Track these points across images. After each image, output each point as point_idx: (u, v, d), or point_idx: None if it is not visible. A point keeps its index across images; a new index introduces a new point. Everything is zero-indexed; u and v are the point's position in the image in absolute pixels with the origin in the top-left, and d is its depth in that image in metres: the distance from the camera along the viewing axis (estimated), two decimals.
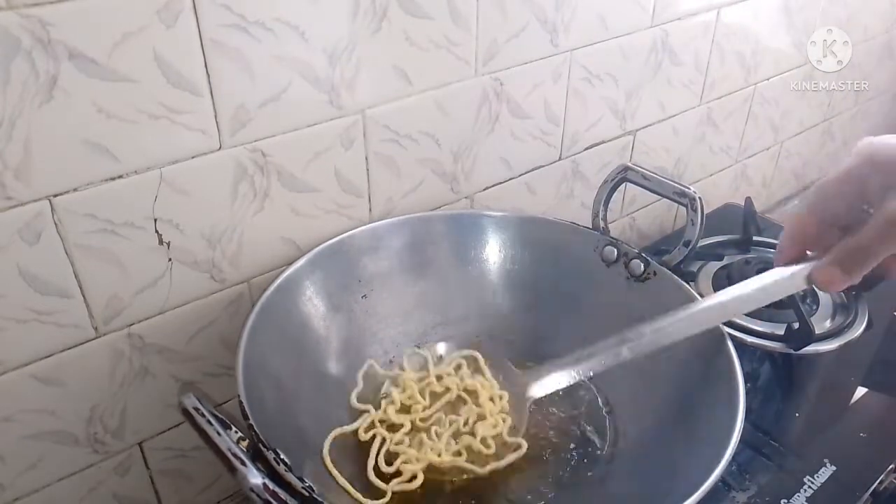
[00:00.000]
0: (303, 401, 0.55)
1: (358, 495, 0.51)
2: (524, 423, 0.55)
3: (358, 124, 0.61)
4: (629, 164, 0.65)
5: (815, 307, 0.76)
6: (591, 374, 0.53)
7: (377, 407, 0.58)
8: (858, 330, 0.76)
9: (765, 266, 0.77)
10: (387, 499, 0.51)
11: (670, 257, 0.62)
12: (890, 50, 1.26)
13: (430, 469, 0.54)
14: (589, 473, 0.56)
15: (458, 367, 0.62)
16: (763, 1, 0.95)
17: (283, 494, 0.40)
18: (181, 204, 0.54)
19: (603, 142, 0.85)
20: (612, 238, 0.66)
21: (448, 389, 0.59)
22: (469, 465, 0.54)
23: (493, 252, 0.69)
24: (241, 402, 0.45)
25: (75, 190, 0.48)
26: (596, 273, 0.65)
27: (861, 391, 0.73)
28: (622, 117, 0.85)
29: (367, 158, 0.64)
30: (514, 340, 0.67)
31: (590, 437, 0.59)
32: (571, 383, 0.54)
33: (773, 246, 0.86)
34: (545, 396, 0.56)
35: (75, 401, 0.55)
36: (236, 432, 0.44)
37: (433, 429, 0.57)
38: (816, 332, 0.70)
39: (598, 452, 0.57)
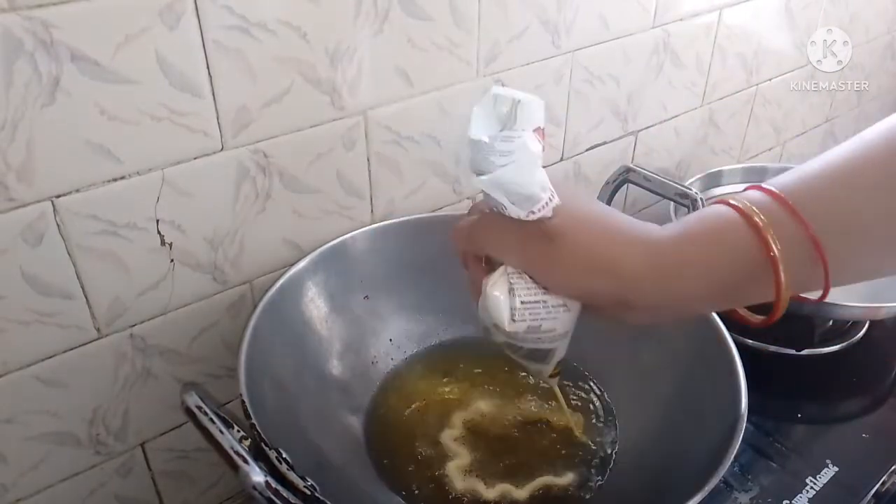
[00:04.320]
0: (305, 401, 0.55)
1: None
2: None
3: (360, 125, 0.61)
4: (631, 166, 0.65)
5: None
6: None
7: None
8: (861, 331, 0.76)
9: None
10: None
11: None
12: (892, 50, 1.26)
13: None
14: (593, 474, 0.56)
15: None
16: (765, 2, 0.95)
17: (285, 493, 0.40)
18: (183, 205, 0.54)
19: (605, 143, 0.85)
20: None
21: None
22: None
23: None
24: (243, 402, 0.45)
25: (77, 191, 0.49)
26: None
27: (863, 392, 0.73)
28: (624, 118, 0.85)
29: (368, 160, 0.64)
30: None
31: (594, 437, 0.59)
32: None
33: None
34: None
35: (77, 402, 0.56)
36: (238, 431, 0.44)
37: None
38: (818, 332, 0.70)
39: (602, 454, 0.57)
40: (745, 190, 0.36)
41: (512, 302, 0.38)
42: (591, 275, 0.36)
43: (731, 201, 0.35)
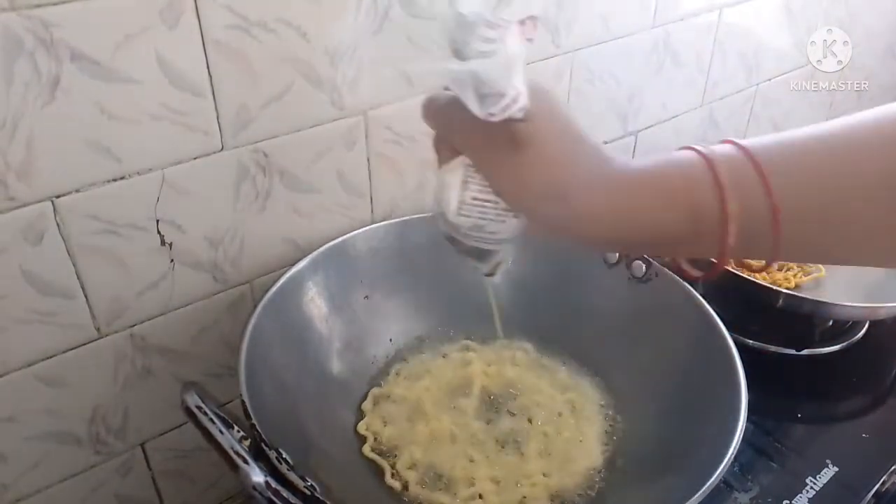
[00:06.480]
0: (305, 400, 0.55)
1: None
2: None
3: (360, 125, 0.61)
4: None
5: None
6: None
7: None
8: (861, 331, 0.76)
9: None
10: None
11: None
12: (892, 50, 1.26)
13: None
14: (593, 474, 0.56)
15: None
16: (765, 1, 0.95)
17: (285, 493, 0.40)
18: (183, 205, 0.54)
19: (605, 142, 0.85)
20: None
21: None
22: None
23: None
24: (243, 402, 0.45)
25: (77, 191, 0.49)
26: (598, 274, 0.65)
27: (863, 392, 0.73)
28: (624, 118, 0.85)
29: (368, 159, 0.64)
30: (515, 341, 0.67)
31: (594, 437, 0.59)
32: None
33: None
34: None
35: (78, 401, 0.56)
36: (238, 431, 0.44)
37: None
38: (818, 332, 0.70)
39: (602, 453, 0.57)
40: (721, 142, 0.33)
41: (462, 195, 0.36)
42: (544, 197, 0.34)
43: (701, 149, 0.33)
